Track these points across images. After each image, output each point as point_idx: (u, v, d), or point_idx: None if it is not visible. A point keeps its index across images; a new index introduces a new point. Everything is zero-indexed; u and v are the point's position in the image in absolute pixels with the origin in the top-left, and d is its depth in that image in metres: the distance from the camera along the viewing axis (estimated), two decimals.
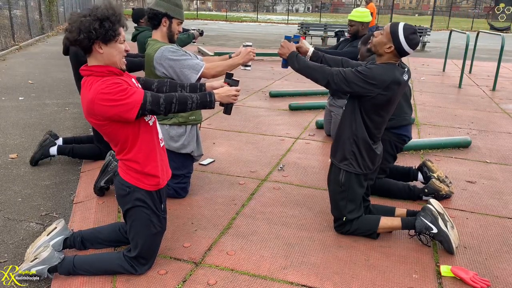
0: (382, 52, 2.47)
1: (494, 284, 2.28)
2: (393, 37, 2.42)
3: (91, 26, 1.89)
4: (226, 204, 3.08)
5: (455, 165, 4.01)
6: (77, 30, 1.89)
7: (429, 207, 2.56)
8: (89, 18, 1.90)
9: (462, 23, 35.03)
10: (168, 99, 2.05)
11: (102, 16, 1.92)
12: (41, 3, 15.12)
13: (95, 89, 1.93)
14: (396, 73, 2.44)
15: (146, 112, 2.00)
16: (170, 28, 2.89)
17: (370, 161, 2.56)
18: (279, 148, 4.29)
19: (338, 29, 16.31)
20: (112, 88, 1.93)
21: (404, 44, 2.40)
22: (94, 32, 1.90)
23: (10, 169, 3.68)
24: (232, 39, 16.76)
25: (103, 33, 1.92)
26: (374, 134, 2.55)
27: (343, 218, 2.63)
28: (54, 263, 2.19)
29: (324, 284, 2.23)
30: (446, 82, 8.57)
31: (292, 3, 55.79)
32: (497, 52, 11.23)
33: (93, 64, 2.00)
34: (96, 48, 1.96)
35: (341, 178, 2.58)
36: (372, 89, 2.39)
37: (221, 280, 2.23)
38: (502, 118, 5.82)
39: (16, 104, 5.80)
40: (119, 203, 2.24)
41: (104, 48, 1.97)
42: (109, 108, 1.92)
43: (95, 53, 1.97)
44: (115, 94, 1.92)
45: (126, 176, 2.14)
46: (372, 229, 2.61)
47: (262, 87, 7.41)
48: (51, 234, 2.32)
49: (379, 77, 2.39)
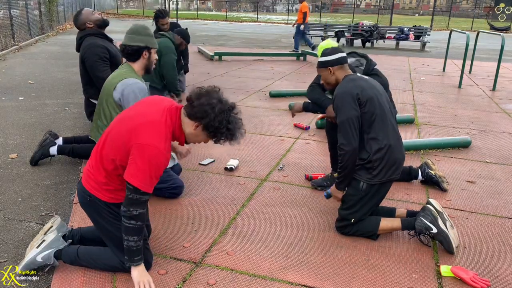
0: (330, 80, 2.68)
1: (494, 284, 2.28)
2: (324, 64, 2.65)
3: (217, 123, 1.98)
4: (226, 204, 3.08)
5: (455, 165, 4.01)
6: (203, 110, 1.97)
7: (429, 207, 2.55)
8: (220, 115, 1.98)
9: (462, 23, 35.04)
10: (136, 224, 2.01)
11: (231, 126, 2.03)
12: (41, 3, 15.12)
13: (156, 137, 1.95)
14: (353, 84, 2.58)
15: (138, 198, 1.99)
16: (150, 59, 3.01)
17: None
18: (279, 148, 4.29)
19: (338, 29, 16.33)
20: (160, 157, 1.95)
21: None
22: (212, 126, 1.99)
23: (10, 169, 3.68)
24: (232, 39, 16.76)
25: (214, 131, 2.01)
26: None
27: (351, 220, 2.61)
28: (61, 246, 2.21)
29: (324, 284, 2.23)
30: (446, 82, 8.57)
31: (292, 3, 55.79)
32: (497, 52, 11.23)
33: (180, 121, 2.06)
34: (195, 124, 2.03)
35: (362, 185, 2.57)
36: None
37: (221, 280, 2.23)
38: (502, 118, 5.82)
39: (16, 104, 5.80)
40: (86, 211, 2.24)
41: (197, 130, 2.04)
42: (141, 165, 1.93)
43: (191, 123, 2.03)
44: (155, 164, 1.95)
45: (88, 186, 2.14)
46: (373, 231, 2.61)
47: (262, 87, 7.41)
48: (47, 233, 2.32)
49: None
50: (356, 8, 56.16)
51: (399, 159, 2.58)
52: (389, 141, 2.53)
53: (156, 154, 1.94)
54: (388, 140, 2.53)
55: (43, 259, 2.19)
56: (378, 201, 2.64)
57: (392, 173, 2.54)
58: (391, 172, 2.54)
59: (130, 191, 1.96)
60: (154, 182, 2.00)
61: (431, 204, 2.58)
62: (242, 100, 6.36)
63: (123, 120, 2.09)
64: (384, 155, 2.51)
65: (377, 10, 43.69)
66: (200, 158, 3.92)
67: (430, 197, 3.30)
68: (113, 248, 2.19)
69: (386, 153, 2.51)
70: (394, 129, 2.60)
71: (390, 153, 2.52)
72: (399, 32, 15.80)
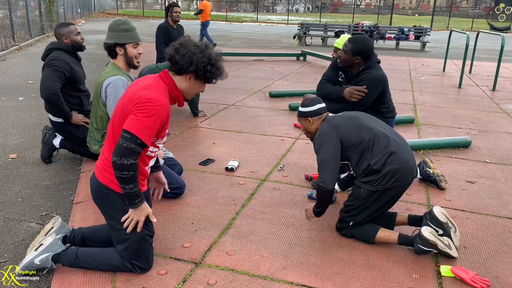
0: (310, 129, 2.75)
1: (494, 284, 2.28)
2: (304, 115, 2.73)
3: (202, 64, 2.08)
4: (226, 204, 3.08)
5: (455, 165, 4.01)
6: (187, 60, 2.07)
7: (425, 237, 2.41)
8: (202, 57, 2.08)
9: (462, 23, 35.04)
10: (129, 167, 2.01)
11: (214, 62, 2.11)
12: (41, 3, 15.12)
13: (154, 93, 2.02)
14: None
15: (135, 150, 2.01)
16: (127, 54, 2.99)
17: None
18: (279, 148, 4.29)
19: (338, 29, 16.33)
20: (159, 109, 2.01)
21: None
22: (200, 69, 2.08)
23: (10, 169, 3.68)
24: (232, 39, 16.77)
25: (204, 73, 2.10)
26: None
27: (350, 223, 2.61)
28: (58, 250, 2.21)
29: (324, 284, 2.23)
30: (446, 82, 8.57)
31: (292, 3, 55.82)
32: (497, 52, 11.23)
33: (173, 81, 2.14)
34: (187, 77, 2.13)
35: (362, 193, 2.54)
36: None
37: (221, 280, 2.23)
38: (502, 118, 5.82)
39: (16, 104, 5.80)
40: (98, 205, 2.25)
41: (191, 82, 2.15)
42: (142, 113, 1.98)
43: (183, 78, 2.14)
44: (154, 115, 1.99)
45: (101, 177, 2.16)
46: (369, 240, 2.59)
47: (262, 87, 7.41)
48: (47, 235, 2.32)
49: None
50: (356, 8, 56.18)
51: (403, 165, 2.49)
52: (390, 149, 2.49)
53: (155, 106, 2.00)
54: (390, 147, 2.50)
55: (40, 262, 2.19)
56: (382, 207, 2.57)
57: (396, 179, 2.47)
58: (395, 179, 2.47)
59: (125, 139, 1.96)
60: (152, 133, 2.02)
61: (433, 217, 2.50)
62: (242, 100, 6.36)
63: (123, 100, 2.11)
64: (385, 162, 2.46)
65: (377, 10, 43.70)
66: (200, 158, 3.92)
67: (430, 197, 3.30)
68: (119, 242, 2.19)
69: (386, 161, 2.46)
70: (390, 139, 2.54)
71: (392, 160, 2.47)
72: (399, 32, 15.81)
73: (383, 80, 3.19)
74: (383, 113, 3.32)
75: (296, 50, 13.01)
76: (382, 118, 3.27)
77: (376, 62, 3.29)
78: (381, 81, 3.18)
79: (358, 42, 3.22)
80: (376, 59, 3.31)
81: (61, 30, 3.73)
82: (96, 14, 33.81)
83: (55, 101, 3.52)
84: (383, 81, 3.19)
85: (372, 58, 3.27)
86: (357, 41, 3.23)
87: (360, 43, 3.21)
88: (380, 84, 3.16)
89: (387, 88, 3.29)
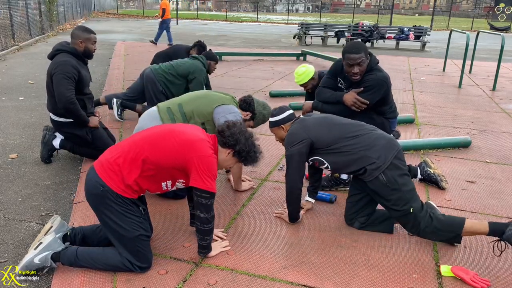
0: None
1: (494, 284, 2.28)
2: (276, 124, 2.83)
3: (247, 148, 2.34)
4: (226, 204, 3.08)
5: (455, 165, 4.01)
6: (235, 138, 2.32)
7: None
8: (248, 142, 2.35)
9: (462, 23, 35.05)
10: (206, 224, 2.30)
11: (256, 150, 2.39)
12: (41, 3, 15.11)
13: (203, 152, 2.22)
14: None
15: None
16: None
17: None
18: (279, 148, 4.29)
19: (338, 29, 16.34)
20: (210, 166, 2.23)
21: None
22: (243, 151, 2.33)
23: (10, 169, 3.68)
24: (232, 39, 16.77)
25: (246, 154, 2.35)
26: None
27: (410, 210, 2.48)
28: (58, 249, 2.21)
29: (324, 284, 2.23)
30: (446, 82, 8.57)
31: (292, 3, 55.84)
32: (497, 52, 11.23)
33: (216, 153, 2.33)
34: (227, 151, 2.34)
35: (383, 180, 2.50)
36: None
37: (221, 280, 2.23)
38: (502, 118, 5.82)
39: (16, 104, 5.80)
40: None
41: (229, 156, 2.36)
42: (208, 173, 2.21)
43: (224, 150, 2.35)
44: (210, 171, 2.22)
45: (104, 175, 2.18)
46: (456, 231, 2.46)
47: (262, 87, 7.41)
48: (47, 234, 2.32)
49: None
50: (356, 8, 56.15)
51: (383, 141, 2.57)
52: (365, 140, 2.58)
53: (214, 163, 2.26)
54: (368, 141, 2.57)
55: (40, 261, 2.19)
56: (407, 174, 2.55)
57: (391, 151, 2.52)
58: (390, 152, 2.52)
59: (206, 198, 2.22)
60: (211, 182, 2.26)
61: None
62: None
63: (172, 133, 2.26)
64: (369, 145, 2.53)
65: (377, 10, 43.70)
66: None
67: (430, 196, 3.30)
68: (116, 242, 2.20)
69: (369, 144, 2.54)
70: (362, 134, 2.60)
71: (374, 143, 2.54)
72: (399, 32, 15.81)
73: (386, 81, 3.15)
74: (385, 113, 3.30)
75: (296, 50, 13.02)
76: (384, 119, 3.27)
77: (376, 63, 3.28)
78: (385, 82, 3.14)
79: (361, 48, 3.17)
80: (375, 59, 3.30)
81: (82, 34, 3.65)
82: (96, 14, 33.82)
83: (72, 109, 3.52)
84: (387, 83, 3.16)
85: (372, 58, 3.26)
86: (359, 47, 3.16)
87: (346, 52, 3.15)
88: (383, 85, 3.13)
89: (390, 89, 3.27)
